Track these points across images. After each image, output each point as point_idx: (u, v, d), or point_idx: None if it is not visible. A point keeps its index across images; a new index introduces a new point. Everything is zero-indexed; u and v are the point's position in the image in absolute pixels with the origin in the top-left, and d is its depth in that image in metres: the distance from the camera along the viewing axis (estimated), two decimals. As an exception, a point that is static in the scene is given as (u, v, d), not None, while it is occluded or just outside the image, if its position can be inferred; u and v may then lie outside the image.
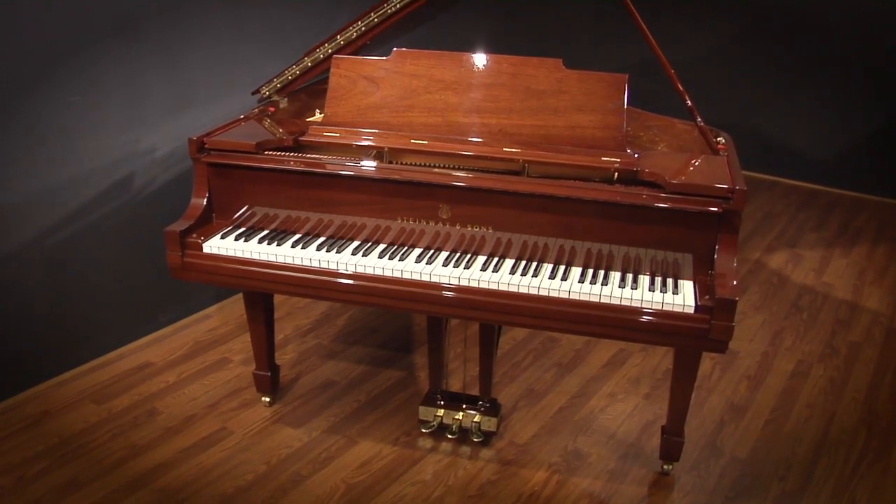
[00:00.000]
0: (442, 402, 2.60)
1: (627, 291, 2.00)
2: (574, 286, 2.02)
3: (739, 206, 1.97)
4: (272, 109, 2.64)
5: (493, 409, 2.59)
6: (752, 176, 5.18)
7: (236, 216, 2.34)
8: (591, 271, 2.09)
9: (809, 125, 4.94)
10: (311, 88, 2.84)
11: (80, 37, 2.69)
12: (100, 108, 2.81)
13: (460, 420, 2.57)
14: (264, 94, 2.67)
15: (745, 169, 5.12)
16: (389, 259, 2.15)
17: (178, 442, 2.59)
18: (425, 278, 2.08)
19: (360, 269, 2.14)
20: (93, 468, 2.46)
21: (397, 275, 2.10)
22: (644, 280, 2.06)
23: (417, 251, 2.19)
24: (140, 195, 3.04)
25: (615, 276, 2.08)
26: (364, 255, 2.17)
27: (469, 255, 2.16)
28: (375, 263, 2.13)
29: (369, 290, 2.13)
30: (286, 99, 2.71)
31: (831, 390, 2.92)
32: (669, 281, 2.05)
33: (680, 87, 2.34)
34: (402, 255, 2.16)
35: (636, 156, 2.19)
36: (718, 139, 2.40)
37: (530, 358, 3.11)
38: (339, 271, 2.15)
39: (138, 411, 2.74)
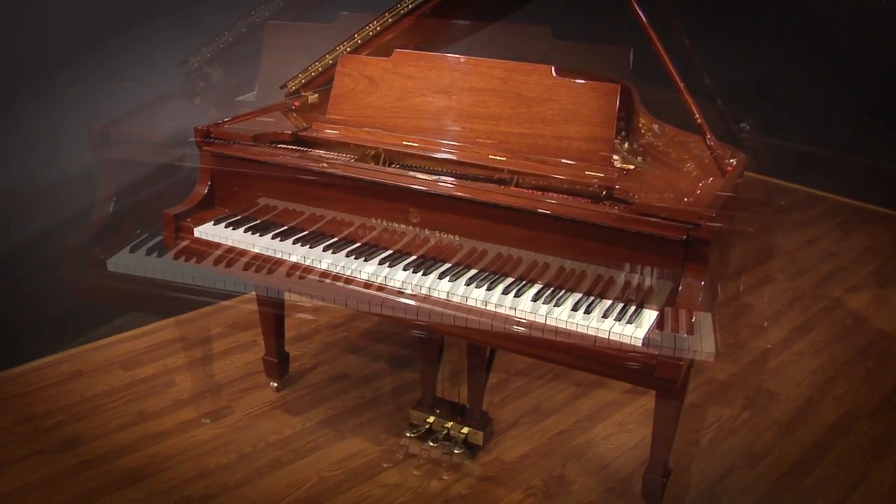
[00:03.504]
0: (435, 410, 2.57)
1: (577, 316, 1.87)
2: (522, 304, 1.92)
3: (707, 234, 1.79)
4: (297, 104, 2.71)
5: (481, 422, 2.53)
6: (863, 206, 4.70)
7: (235, 205, 2.42)
8: (549, 290, 1.98)
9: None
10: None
11: (137, 25, 2.89)
12: (154, 94, 3.00)
13: (448, 429, 2.52)
14: (290, 88, 2.74)
15: (856, 199, 4.71)
16: (355, 259, 2.14)
17: (181, 414, 2.73)
18: (381, 281, 2.06)
19: (324, 266, 2.14)
20: (99, 428, 2.64)
21: (356, 275, 2.09)
22: (603, 305, 1.93)
23: (386, 254, 2.16)
24: (189, 178, 3.21)
25: (574, 297, 1.95)
26: (334, 252, 2.18)
27: (434, 263, 2.11)
28: (341, 262, 2.13)
29: (332, 289, 2.13)
30: (316, 94, 2.76)
31: (871, 450, 2.60)
32: (632, 309, 1.90)
33: (689, 100, 2.16)
34: (369, 256, 2.15)
35: (625, 172, 2.06)
36: (732, 161, 2.20)
37: (550, 374, 3.00)
38: (309, 266, 2.17)
39: (157, 381, 2.91)
